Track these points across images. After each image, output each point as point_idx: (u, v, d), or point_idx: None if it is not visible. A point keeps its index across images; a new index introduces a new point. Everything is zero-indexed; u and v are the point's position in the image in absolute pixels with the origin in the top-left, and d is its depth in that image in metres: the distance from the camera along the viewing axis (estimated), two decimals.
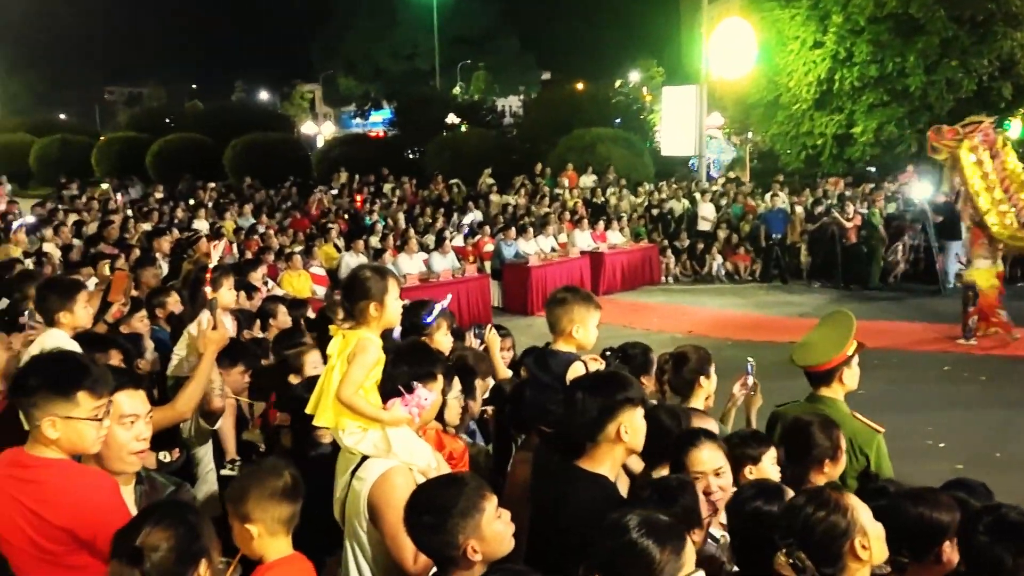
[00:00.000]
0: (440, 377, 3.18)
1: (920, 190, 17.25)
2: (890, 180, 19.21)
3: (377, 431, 2.92)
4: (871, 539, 2.33)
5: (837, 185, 19.29)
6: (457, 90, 48.45)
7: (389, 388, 2.99)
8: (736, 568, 2.79)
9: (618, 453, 2.94)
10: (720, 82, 24.94)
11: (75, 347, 3.78)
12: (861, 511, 2.36)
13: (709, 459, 3.05)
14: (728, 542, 2.91)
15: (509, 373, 4.83)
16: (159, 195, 20.13)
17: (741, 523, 2.75)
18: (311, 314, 6.94)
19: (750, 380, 4.28)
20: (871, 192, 17.90)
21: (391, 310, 3.07)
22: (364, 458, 2.93)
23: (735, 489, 3.02)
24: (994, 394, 9.53)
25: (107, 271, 7.84)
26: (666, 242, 18.29)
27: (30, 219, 13.88)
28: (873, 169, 22.10)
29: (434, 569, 2.56)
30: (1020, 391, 9.55)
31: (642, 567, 2.16)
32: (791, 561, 2.24)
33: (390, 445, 2.89)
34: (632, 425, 2.89)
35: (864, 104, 20.96)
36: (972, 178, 10.89)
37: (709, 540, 2.90)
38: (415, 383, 3.01)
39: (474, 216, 17.92)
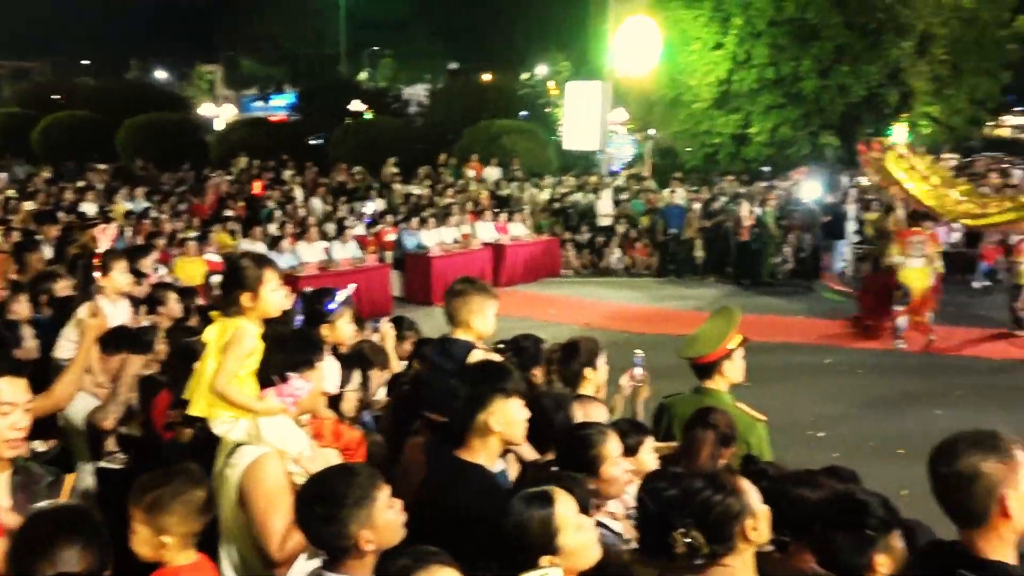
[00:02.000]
0: (319, 366, 3.15)
1: (809, 190, 17.94)
2: (782, 179, 19.87)
3: (249, 419, 2.89)
4: (759, 520, 2.43)
5: (732, 183, 19.84)
6: (363, 76, 47.81)
7: (265, 377, 2.96)
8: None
9: (493, 443, 2.93)
10: (624, 79, 25.33)
11: None
12: (752, 494, 2.47)
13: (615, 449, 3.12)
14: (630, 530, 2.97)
15: (402, 366, 4.83)
16: (46, 175, 19.25)
17: (643, 505, 2.80)
18: (202, 301, 6.78)
19: (638, 372, 4.39)
20: (764, 191, 18.50)
21: (267, 300, 3.04)
22: (237, 446, 2.91)
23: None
24: (872, 387, 10.03)
25: None
26: (567, 235, 18.52)
27: None
28: (768, 169, 22.81)
29: (315, 561, 2.55)
30: (897, 384, 10.07)
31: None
32: (687, 540, 2.30)
33: (261, 433, 2.88)
34: (505, 416, 2.89)
35: (761, 105, 21.63)
36: (907, 176, 11.32)
37: (606, 531, 2.95)
38: (290, 372, 2.98)
39: (376, 205, 17.77)
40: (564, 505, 2.40)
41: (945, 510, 2.26)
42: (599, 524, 2.90)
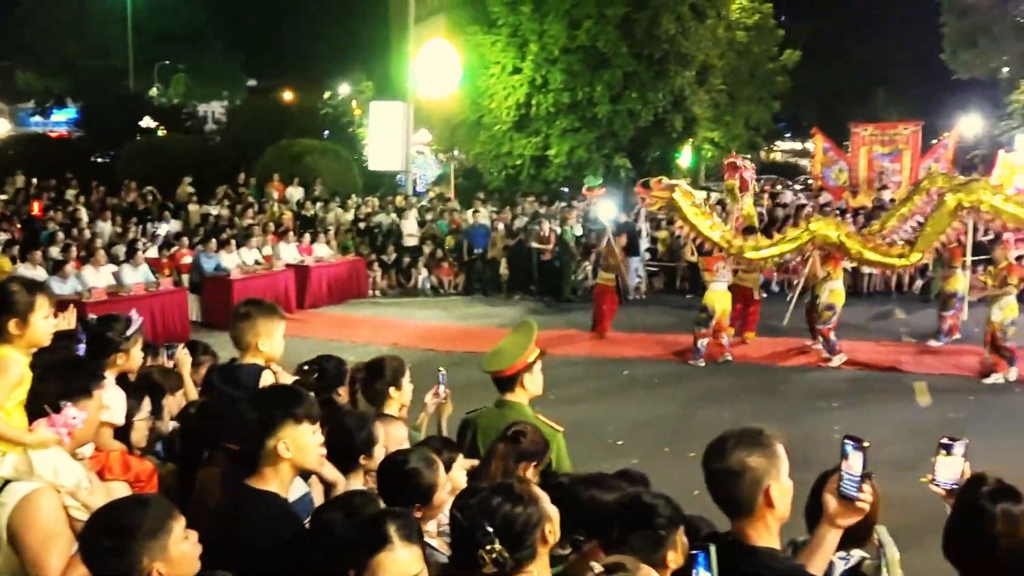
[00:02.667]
0: (97, 394, 3.00)
1: (605, 210, 18.75)
2: (580, 200, 20.66)
3: (18, 453, 2.72)
4: (554, 523, 2.54)
5: (533, 204, 20.42)
6: (155, 92, 45.52)
7: (35, 408, 2.80)
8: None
9: (285, 470, 2.83)
10: (428, 100, 25.57)
11: None
12: (545, 500, 2.57)
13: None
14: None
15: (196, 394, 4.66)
16: None
17: (455, 522, 2.83)
18: None
19: (441, 389, 4.47)
20: (563, 211, 19.18)
21: (37, 328, 2.87)
22: (7, 482, 2.72)
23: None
24: (667, 396, 10.61)
25: None
26: (373, 256, 18.42)
27: None
28: (566, 189, 23.65)
29: None
30: (689, 393, 10.72)
31: None
32: (494, 556, 2.36)
33: (32, 466, 2.70)
34: (296, 442, 2.80)
35: (558, 128, 22.41)
36: (692, 212, 11.95)
37: (434, 551, 2.95)
38: (63, 402, 2.83)
39: (170, 227, 16.97)
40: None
41: (717, 503, 2.45)
42: (426, 545, 2.92)
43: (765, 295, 15.05)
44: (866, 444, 2.46)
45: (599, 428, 9.01)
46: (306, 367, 4.36)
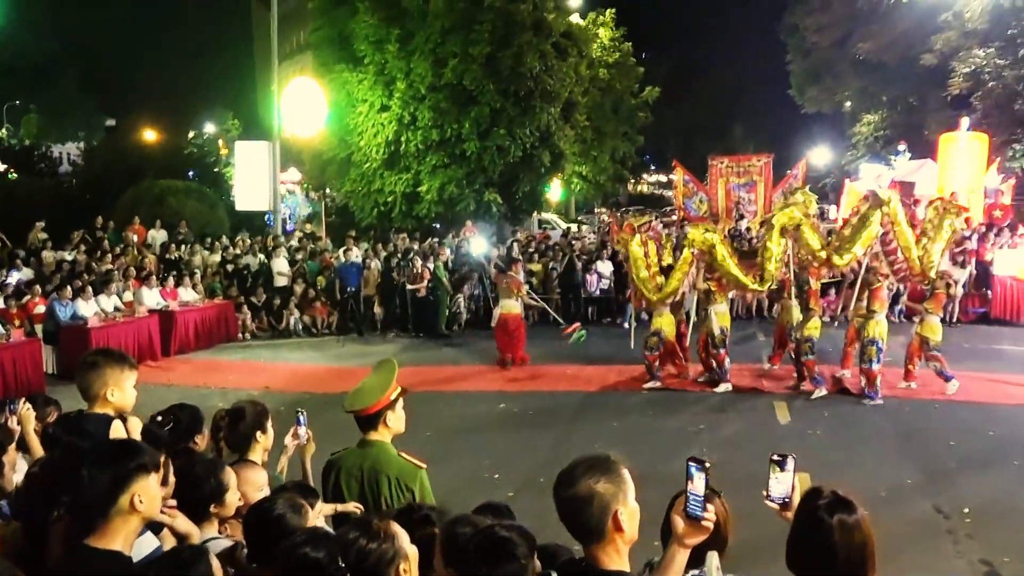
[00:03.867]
0: None
1: (477, 245, 18.95)
2: (453, 235, 20.80)
3: None
4: (411, 562, 2.54)
5: (405, 240, 20.40)
6: (3, 133, 43.25)
7: None
8: None
9: (133, 525, 2.77)
10: (296, 138, 25.26)
11: None
12: (403, 537, 2.57)
13: None
14: None
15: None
16: None
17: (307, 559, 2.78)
18: None
19: (301, 431, 4.41)
20: (436, 246, 19.23)
21: None
22: None
23: None
24: (541, 427, 10.70)
25: None
26: (242, 298, 17.98)
27: None
28: (438, 225, 23.74)
29: None
30: (563, 423, 10.85)
31: None
32: None
33: None
34: (147, 493, 2.76)
35: (428, 165, 22.52)
36: (637, 262, 12.19)
37: None
38: None
39: (21, 274, 16.07)
40: None
41: (569, 530, 2.51)
42: None
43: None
44: (708, 465, 2.56)
45: (475, 462, 9.04)
46: (159, 417, 4.24)
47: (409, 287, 17.41)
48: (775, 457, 2.98)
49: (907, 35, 26.15)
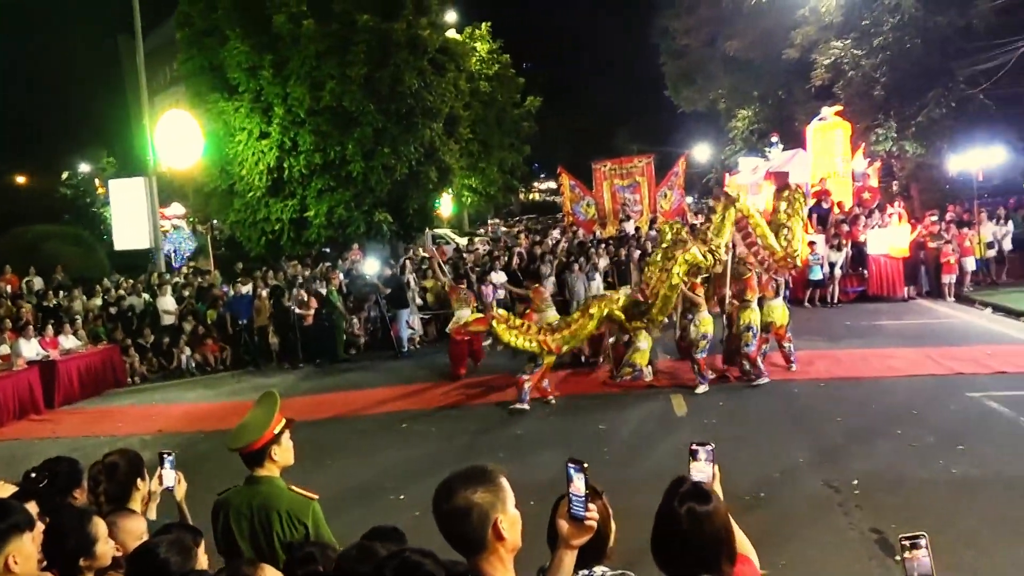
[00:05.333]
0: None
1: (370, 266, 18.80)
2: (343, 259, 20.52)
3: None
4: None
5: (296, 268, 20.05)
6: None
7: None
8: None
9: None
10: (177, 172, 24.58)
11: None
12: None
13: None
14: None
15: None
16: None
17: None
18: None
19: (167, 475, 4.26)
20: (328, 271, 18.97)
21: None
22: None
23: None
24: (445, 442, 10.67)
25: None
26: (129, 340, 17.35)
27: None
28: (328, 250, 23.39)
29: None
30: (467, 438, 10.83)
31: None
32: None
33: None
34: (22, 553, 2.71)
35: (314, 190, 22.15)
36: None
37: None
38: None
39: None
40: None
41: (451, 544, 2.49)
42: None
43: None
44: (586, 465, 2.60)
45: (378, 486, 8.95)
46: (33, 474, 4.05)
47: (296, 312, 17.09)
48: (694, 446, 3.04)
49: (770, 32, 27.19)
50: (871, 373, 12.09)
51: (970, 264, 18.90)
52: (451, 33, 30.56)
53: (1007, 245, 19.93)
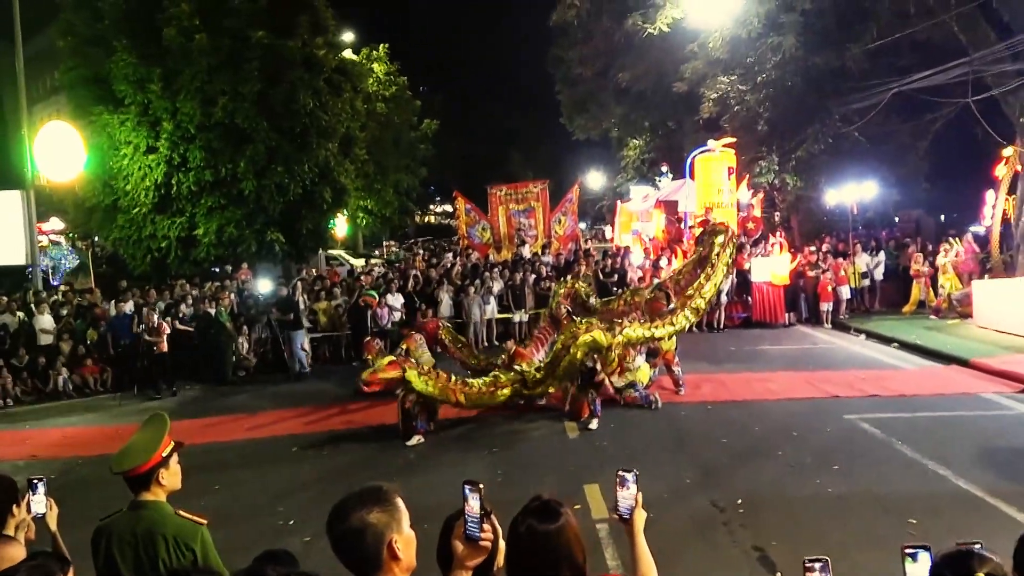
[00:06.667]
0: None
1: (263, 285, 18.44)
2: (231, 279, 20.02)
3: None
4: None
5: (184, 286, 19.43)
6: None
7: None
8: None
9: None
10: (58, 186, 23.53)
11: None
12: None
13: None
14: None
15: None
16: None
17: None
18: None
19: (35, 502, 4.03)
20: (217, 291, 18.47)
21: None
22: None
23: None
24: (334, 465, 10.52)
25: None
26: (1, 361, 16.44)
27: None
28: (217, 269, 22.79)
29: None
30: (358, 460, 10.72)
31: None
32: None
33: None
34: None
35: (204, 207, 21.58)
36: None
37: None
38: None
39: None
40: None
41: (346, 565, 2.48)
42: None
43: None
44: (481, 486, 2.64)
45: (270, 510, 8.76)
46: None
47: (146, 339, 16.12)
48: (620, 473, 3.12)
49: (660, 65, 28.06)
50: (754, 396, 12.56)
51: (845, 292, 19.89)
52: (348, 53, 30.40)
53: (879, 275, 21.06)
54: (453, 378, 11.53)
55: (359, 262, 34.01)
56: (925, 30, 19.74)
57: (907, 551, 2.46)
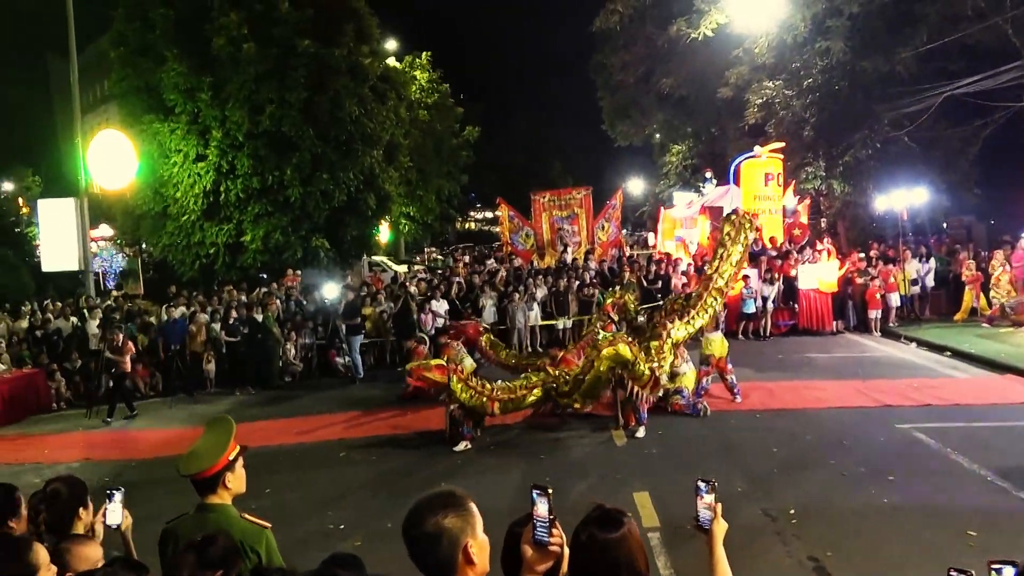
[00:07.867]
0: None
1: (328, 291, 18.67)
2: (278, 284, 20.24)
3: None
4: None
5: (232, 293, 19.69)
6: None
7: None
8: None
9: None
10: (110, 193, 24.00)
11: None
12: None
13: None
14: None
15: None
16: None
17: None
18: None
19: (112, 513, 4.06)
20: (264, 297, 18.68)
21: None
22: None
23: None
24: (383, 470, 10.57)
25: None
26: (55, 365, 16.79)
27: None
28: (265, 276, 23.08)
29: None
30: (406, 466, 10.76)
31: None
32: None
33: None
34: None
35: (250, 214, 21.89)
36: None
37: None
38: None
39: None
40: None
41: (421, 569, 2.50)
42: None
43: None
44: (550, 491, 2.63)
45: (319, 514, 8.83)
46: None
47: (108, 356, 15.40)
48: (699, 483, 3.07)
49: (704, 70, 27.92)
50: (804, 404, 12.39)
51: (895, 300, 19.56)
52: (391, 61, 30.66)
53: (929, 282, 20.68)
54: (488, 386, 11.46)
55: (402, 268, 34.21)
56: (975, 33, 19.40)
57: (993, 566, 2.40)
